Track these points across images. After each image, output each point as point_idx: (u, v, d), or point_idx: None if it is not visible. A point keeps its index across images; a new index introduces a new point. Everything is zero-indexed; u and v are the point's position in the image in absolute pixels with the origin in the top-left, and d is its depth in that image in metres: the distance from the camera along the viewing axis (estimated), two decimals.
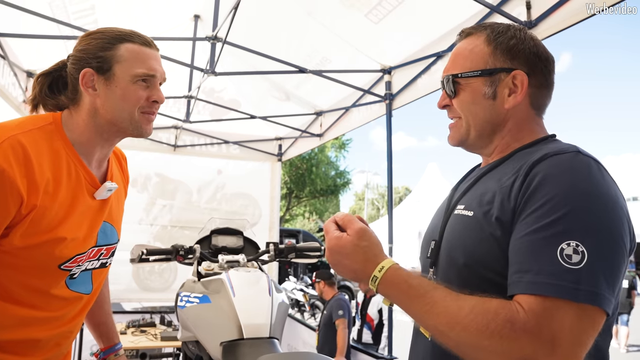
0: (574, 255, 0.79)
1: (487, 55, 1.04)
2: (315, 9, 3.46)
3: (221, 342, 1.61)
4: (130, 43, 1.28)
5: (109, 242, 1.41)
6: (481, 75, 1.04)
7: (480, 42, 1.06)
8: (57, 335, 1.34)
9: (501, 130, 1.05)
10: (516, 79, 1.01)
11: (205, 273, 1.96)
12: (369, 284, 0.95)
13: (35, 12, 2.98)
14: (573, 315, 0.77)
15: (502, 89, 1.02)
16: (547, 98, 1.07)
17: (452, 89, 1.08)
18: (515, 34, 1.04)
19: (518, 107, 1.03)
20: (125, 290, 5.38)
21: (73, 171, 1.25)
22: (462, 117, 1.08)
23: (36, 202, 1.15)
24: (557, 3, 2.27)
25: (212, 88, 4.83)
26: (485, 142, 1.08)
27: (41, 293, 1.25)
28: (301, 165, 22.59)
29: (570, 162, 0.87)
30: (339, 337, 4.37)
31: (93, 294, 1.42)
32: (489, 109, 1.04)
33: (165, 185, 5.71)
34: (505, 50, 1.03)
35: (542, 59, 1.04)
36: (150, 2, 3.67)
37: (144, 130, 1.32)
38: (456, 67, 1.08)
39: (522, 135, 1.05)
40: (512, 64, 1.02)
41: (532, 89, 1.03)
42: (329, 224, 1.01)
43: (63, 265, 1.25)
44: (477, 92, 1.04)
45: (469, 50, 1.07)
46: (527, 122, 1.05)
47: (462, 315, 0.82)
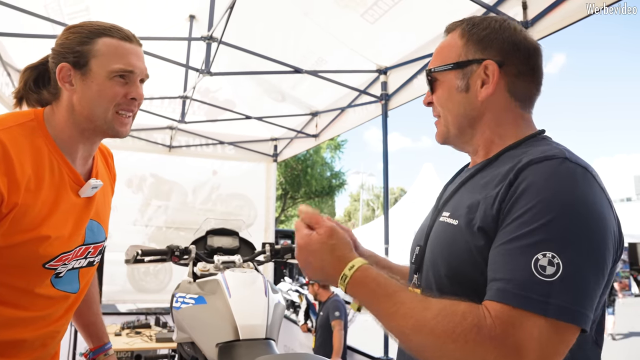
0: (548, 267, 0.76)
1: (460, 48, 1.02)
2: (310, 9, 3.45)
3: (217, 343, 1.60)
4: (109, 37, 1.24)
5: (96, 240, 1.39)
6: (453, 68, 1.02)
7: (456, 36, 1.04)
8: (43, 336, 1.31)
9: (479, 125, 1.02)
10: (487, 69, 0.99)
11: (200, 274, 1.94)
12: (338, 283, 0.92)
13: (30, 11, 2.95)
14: (541, 329, 0.75)
15: (474, 80, 1.00)
16: (532, 88, 1.02)
17: (430, 85, 1.07)
18: (490, 25, 1.02)
19: (494, 99, 1.00)
20: (120, 292, 5.35)
21: (56, 168, 1.23)
22: (441, 114, 1.07)
23: (17, 200, 1.12)
24: (553, 3, 2.27)
25: (208, 88, 4.82)
26: (466, 138, 1.05)
27: (25, 292, 1.23)
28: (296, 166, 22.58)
29: (556, 170, 0.83)
30: (335, 338, 4.36)
31: (80, 293, 1.40)
32: (463, 103, 1.02)
33: (160, 186, 5.68)
34: (477, 41, 1.01)
35: (521, 47, 1.00)
36: (145, 3, 3.65)
37: (118, 131, 1.27)
38: (434, 62, 1.07)
39: (504, 131, 1.01)
40: (483, 55, 1.00)
41: (509, 77, 0.99)
42: (299, 223, 1.00)
43: (48, 264, 1.23)
44: (451, 86, 1.03)
45: (445, 45, 1.06)
46: (506, 114, 1.01)
47: (429, 318, 0.80)
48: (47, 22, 3.10)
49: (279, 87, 4.60)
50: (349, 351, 4.39)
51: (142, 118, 4.90)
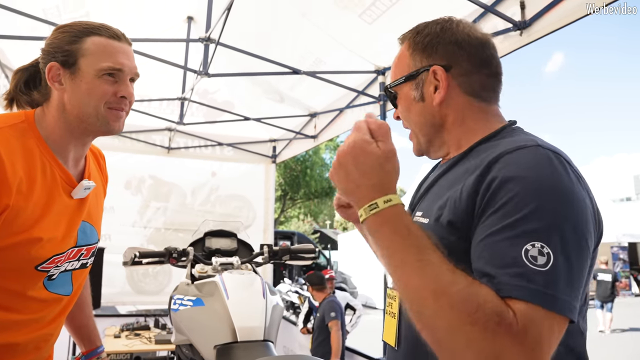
0: (539, 257, 0.74)
1: (408, 59, 1.03)
2: (308, 10, 3.45)
3: (215, 345, 1.60)
4: (97, 36, 1.23)
5: (89, 242, 1.38)
6: (406, 80, 1.03)
7: (404, 48, 1.05)
8: (36, 339, 1.30)
9: (445, 129, 1.02)
10: (436, 74, 0.99)
11: (199, 276, 1.94)
12: (362, 211, 0.84)
13: (28, 13, 2.95)
14: (550, 322, 0.73)
15: (427, 88, 1.01)
16: (488, 81, 1.01)
17: (392, 101, 1.08)
18: (431, 30, 1.02)
19: (451, 101, 0.99)
20: (120, 294, 5.35)
21: (48, 170, 1.22)
22: (409, 127, 1.07)
23: (9, 202, 1.11)
24: (551, 3, 2.27)
25: (206, 90, 4.81)
26: (437, 144, 1.05)
27: (18, 295, 1.22)
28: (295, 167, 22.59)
29: (531, 158, 0.82)
30: (333, 339, 4.35)
31: (73, 295, 1.39)
32: (422, 112, 1.02)
33: (159, 188, 5.68)
34: (422, 50, 1.01)
35: (464, 45, 1.00)
36: (143, 5, 3.64)
37: (112, 127, 1.26)
38: (391, 78, 1.08)
39: (470, 127, 1.00)
40: (429, 61, 1.00)
41: (459, 78, 0.99)
42: (362, 124, 0.89)
43: (40, 266, 1.22)
44: (408, 98, 1.04)
45: (397, 58, 1.07)
46: (469, 112, 1.00)
47: (453, 290, 0.74)
48: (45, 25, 3.09)
49: (277, 88, 4.60)
50: (347, 352, 4.39)
51: (140, 120, 4.89)
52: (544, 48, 76.86)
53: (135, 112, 4.45)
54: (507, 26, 2.49)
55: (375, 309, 13.91)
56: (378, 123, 0.89)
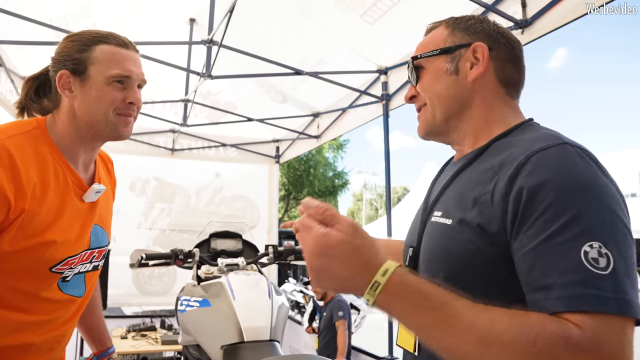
0: (600, 259, 0.69)
1: (446, 36, 1.02)
2: (310, 10, 3.46)
3: (222, 346, 1.61)
4: (106, 44, 1.26)
5: (100, 244, 1.41)
6: (441, 53, 1.01)
7: (440, 29, 1.05)
8: (50, 339, 1.33)
9: (469, 108, 0.99)
10: (477, 52, 0.98)
11: (204, 277, 1.96)
12: (368, 295, 0.75)
13: (34, 19, 2.97)
14: (615, 329, 0.68)
15: (463, 63, 0.98)
16: (517, 76, 1.01)
17: (415, 74, 1.05)
18: (473, 17, 1.04)
19: (483, 81, 0.98)
20: (125, 295, 5.37)
21: (60, 174, 1.25)
22: (427, 100, 1.03)
23: (24, 206, 1.14)
24: (552, 1, 2.28)
25: (209, 91, 4.83)
26: (453, 123, 1.01)
27: (33, 297, 1.25)
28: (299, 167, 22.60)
29: (561, 157, 0.78)
30: (340, 338, 4.36)
31: (86, 296, 1.42)
32: (453, 85, 0.99)
33: (163, 189, 5.70)
34: (464, 29, 1.01)
35: (505, 35, 1.01)
36: (145, 8, 3.67)
37: (121, 132, 1.30)
38: (419, 49, 1.06)
39: (492, 117, 0.98)
40: (471, 39, 0.99)
41: (496, 61, 0.98)
42: (306, 221, 0.80)
43: (54, 268, 1.25)
44: (439, 70, 1.01)
45: (429, 38, 1.06)
46: (495, 99, 0.99)
47: (500, 331, 0.68)
48: (50, 30, 3.12)
49: (280, 88, 4.61)
50: (353, 351, 4.40)
51: (144, 122, 4.92)
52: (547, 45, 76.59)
53: (139, 114, 4.47)
54: (509, 25, 2.50)
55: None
56: (320, 210, 0.80)
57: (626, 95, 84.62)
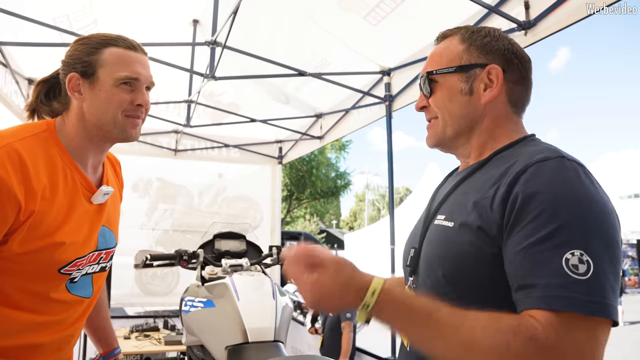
0: (580, 265, 0.76)
1: (462, 52, 1.04)
2: (313, 12, 3.47)
3: (226, 346, 1.62)
4: (115, 47, 1.28)
5: (108, 246, 1.42)
6: (456, 71, 1.03)
7: (455, 41, 1.06)
8: (58, 340, 1.34)
9: (479, 127, 1.04)
10: (491, 74, 1.01)
11: (209, 277, 1.96)
12: (359, 313, 0.85)
13: (37, 20, 2.99)
14: (590, 329, 0.75)
15: (478, 84, 1.02)
16: (525, 96, 1.06)
17: (428, 87, 1.07)
18: (489, 33, 1.05)
19: (495, 103, 1.02)
20: (128, 295, 5.39)
21: (69, 176, 1.26)
22: (439, 115, 1.07)
23: (34, 208, 1.16)
24: (555, 3, 2.27)
25: (212, 92, 4.84)
26: (462, 140, 1.06)
27: (41, 297, 1.26)
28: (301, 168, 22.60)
29: (557, 169, 0.84)
30: (344, 339, 4.36)
31: (93, 297, 1.43)
32: (466, 105, 1.03)
33: (166, 190, 5.71)
34: (480, 47, 1.03)
35: (518, 56, 1.03)
36: (149, 9, 3.68)
37: (129, 134, 1.31)
38: (431, 66, 1.08)
39: (499, 133, 1.03)
40: (486, 59, 1.02)
41: (508, 84, 1.02)
42: (293, 268, 0.91)
43: (63, 269, 1.26)
44: (453, 89, 1.04)
45: (443, 49, 1.07)
46: (504, 119, 1.03)
47: (478, 337, 0.76)
48: (54, 31, 3.13)
49: (283, 89, 4.62)
50: (357, 352, 4.40)
51: (147, 122, 4.84)
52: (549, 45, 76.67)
53: None
54: (512, 26, 2.50)
55: None
56: (304, 254, 0.90)
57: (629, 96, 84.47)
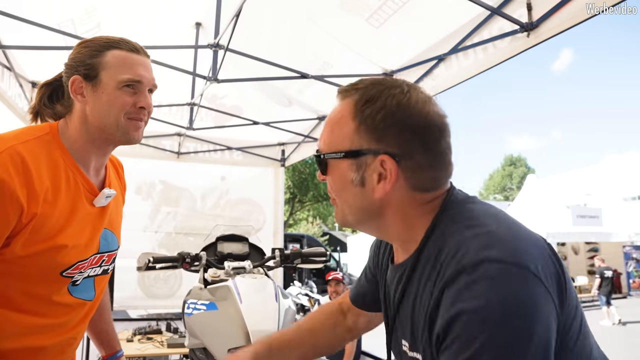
0: None
1: (352, 132, 0.89)
2: (315, 14, 3.47)
3: (229, 349, 1.61)
4: (117, 50, 1.28)
5: (110, 248, 1.42)
6: (345, 156, 0.90)
7: (348, 111, 0.91)
8: (61, 343, 1.35)
9: (382, 218, 0.92)
10: (384, 164, 0.86)
11: (211, 280, 1.96)
12: None
13: (41, 24, 3.00)
14: None
15: (370, 174, 0.88)
16: (437, 175, 0.90)
17: (321, 167, 0.96)
18: (385, 103, 0.87)
19: (393, 195, 0.89)
20: (131, 298, 5.39)
21: (71, 179, 1.26)
22: (336, 200, 0.97)
23: (36, 211, 1.16)
24: (558, 4, 2.27)
25: (215, 95, 4.85)
26: (369, 228, 0.96)
27: (44, 300, 1.26)
28: (304, 170, 22.61)
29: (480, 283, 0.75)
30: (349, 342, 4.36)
31: (95, 300, 1.43)
32: (360, 197, 0.91)
33: (169, 193, 5.72)
34: (371, 128, 0.87)
35: (421, 133, 0.86)
36: (152, 12, 3.69)
37: (132, 137, 1.31)
38: (324, 139, 0.96)
39: (411, 222, 0.91)
40: (378, 145, 0.87)
41: (409, 172, 0.87)
42: None
43: (65, 272, 1.26)
44: (345, 177, 0.92)
45: (335, 121, 0.94)
46: (410, 208, 0.90)
47: None
48: (57, 35, 3.14)
49: (285, 92, 4.63)
50: (362, 355, 4.39)
51: (150, 125, 4.88)
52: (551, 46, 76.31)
53: None
54: (514, 28, 2.50)
55: None
56: None
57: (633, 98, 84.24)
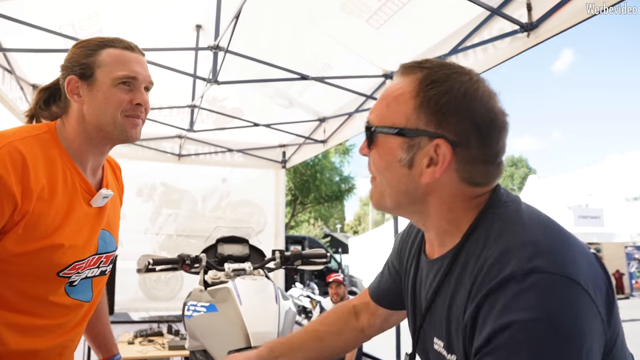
0: None
1: (410, 111, 0.84)
2: (315, 15, 3.47)
3: (229, 351, 1.61)
4: (112, 48, 1.29)
5: (108, 250, 1.42)
6: (398, 134, 0.85)
7: (410, 88, 0.85)
8: (59, 345, 1.34)
9: (424, 205, 0.88)
10: (439, 149, 0.82)
11: (211, 282, 1.96)
12: None
13: (43, 27, 3.00)
14: None
15: (420, 157, 0.84)
16: (489, 171, 0.86)
17: (369, 141, 0.91)
18: (452, 88, 0.82)
19: (440, 183, 0.84)
20: (132, 300, 5.39)
21: (69, 178, 1.26)
22: (377, 179, 0.92)
23: (29, 208, 1.15)
24: (558, 4, 2.27)
25: (215, 97, 4.85)
26: (407, 213, 0.92)
27: (40, 300, 1.26)
28: (305, 172, 22.61)
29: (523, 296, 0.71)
30: None
31: (93, 301, 1.43)
32: (404, 179, 0.86)
33: (170, 195, 5.73)
34: (433, 110, 0.82)
35: (483, 127, 0.82)
36: (152, 15, 3.69)
37: (129, 134, 1.31)
38: (377, 113, 0.90)
39: (454, 217, 0.87)
40: (437, 128, 0.82)
41: (462, 163, 0.83)
42: None
43: (61, 273, 1.26)
44: (392, 156, 0.86)
45: (394, 96, 0.87)
46: (457, 200, 0.86)
47: None
48: (58, 38, 3.15)
49: (286, 94, 4.63)
50: (364, 357, 4.39)
51: (151, 127, 4.95)
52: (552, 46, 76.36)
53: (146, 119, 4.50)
54: (514, 28, 2.49)
55: None
56: None
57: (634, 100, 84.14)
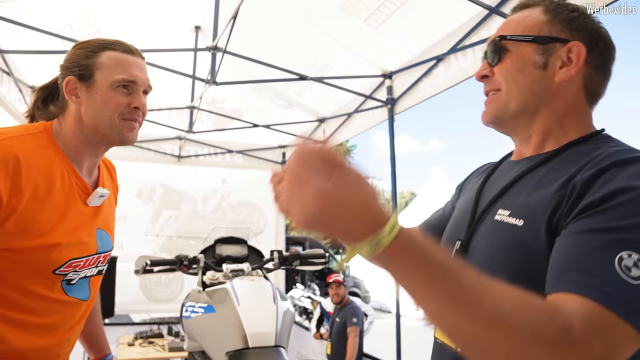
0: (633, 269, 0.66)
1: (543, 23, 0.93)
2: (314, 16, 3.47)
3: (227, 352, 1.61)
4: (112, 51, 1.29)
5: (105, 249, 1.43)
6: (533, 41, 0.92)
7: (537, 12, 0.95)
8: (57, 345, 1.34)
9: (546, 108, 0.93)
10: (572, 52, 0.90)
11: (209, 283, 1.95)
12: (364, 247, 0.62)
13: (41, 29, 3.00)
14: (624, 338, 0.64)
15: (554, 60, 0.91)
16: (602, 86, 0.94)
17: (497, 54, 0.96)
18: (577, 9, 0.94)
19: (569, 85, 0.91)
20: (133, 302, 5.39)
21: (65, 177, 1.27)
22: (504, 87, 0.95)
23: (18, 206, 1.15)
24: None
25: (215, 98, 4.85)
26: (524, 119, 0.95)
27: (39, 297, 1.25)
28: None
29: None
30: (349, 345, 4.35)
31: (90, 300, 1.43)
32: (537, 80, 0.92)
33: (170, 196, 5.73)
34: (565, 20, 0.92)
35: (605, 40, 0.92)
36: (151, 16, 3.70)
37: (126, 137, 1.31)
38: (507, 29, 0.97)
39: (567, 122, 0.93)
40: (570, 35, 0.91)
41: (588, 67, 0.91)
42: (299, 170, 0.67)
43: (57, 270, 1.26)
44: (526, 60, 0.93)
45: (522, 17, 0.96)
46: (575, 106, 0.93)
47: (507, 310, 0.62)
48: (56, 39, 3.15)
49: (285, 94, 4.62)
50: (364, 358, 4.39)
51: (150, 129, 4.95)
52: None
53: (145, 121, 4.45)
54: None
55: (389, 313, 13.85)
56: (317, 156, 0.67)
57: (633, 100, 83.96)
